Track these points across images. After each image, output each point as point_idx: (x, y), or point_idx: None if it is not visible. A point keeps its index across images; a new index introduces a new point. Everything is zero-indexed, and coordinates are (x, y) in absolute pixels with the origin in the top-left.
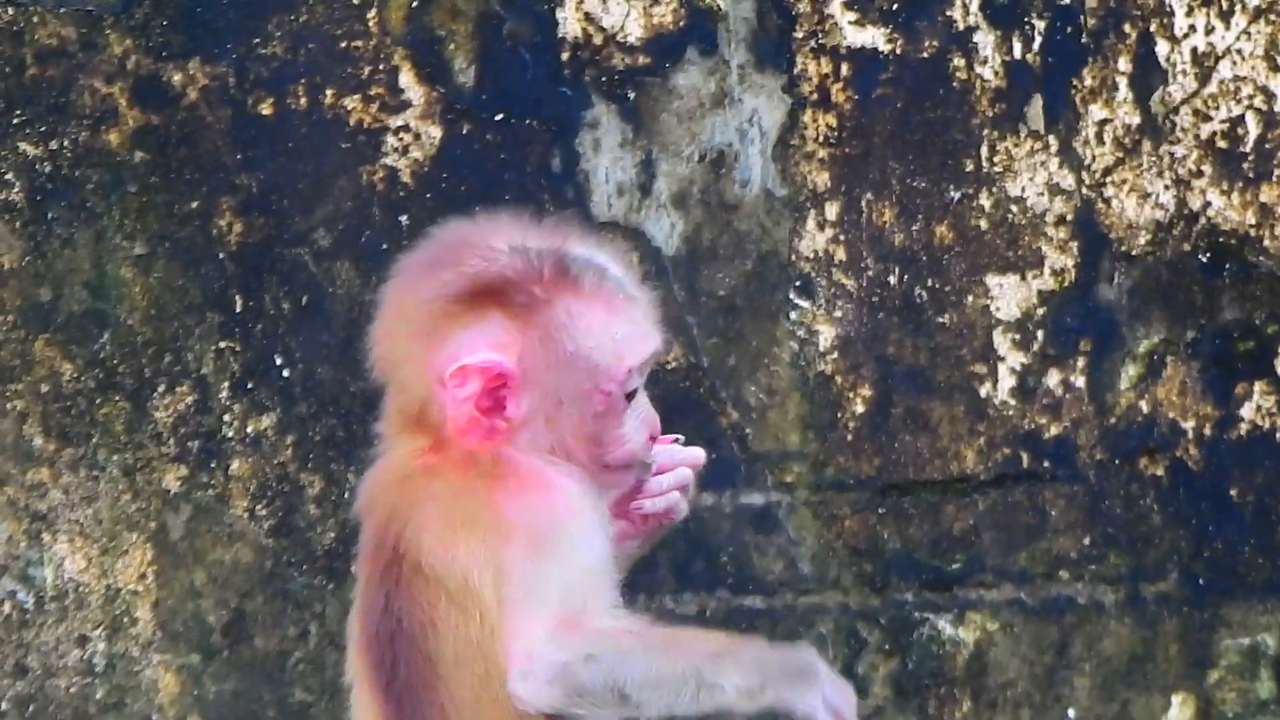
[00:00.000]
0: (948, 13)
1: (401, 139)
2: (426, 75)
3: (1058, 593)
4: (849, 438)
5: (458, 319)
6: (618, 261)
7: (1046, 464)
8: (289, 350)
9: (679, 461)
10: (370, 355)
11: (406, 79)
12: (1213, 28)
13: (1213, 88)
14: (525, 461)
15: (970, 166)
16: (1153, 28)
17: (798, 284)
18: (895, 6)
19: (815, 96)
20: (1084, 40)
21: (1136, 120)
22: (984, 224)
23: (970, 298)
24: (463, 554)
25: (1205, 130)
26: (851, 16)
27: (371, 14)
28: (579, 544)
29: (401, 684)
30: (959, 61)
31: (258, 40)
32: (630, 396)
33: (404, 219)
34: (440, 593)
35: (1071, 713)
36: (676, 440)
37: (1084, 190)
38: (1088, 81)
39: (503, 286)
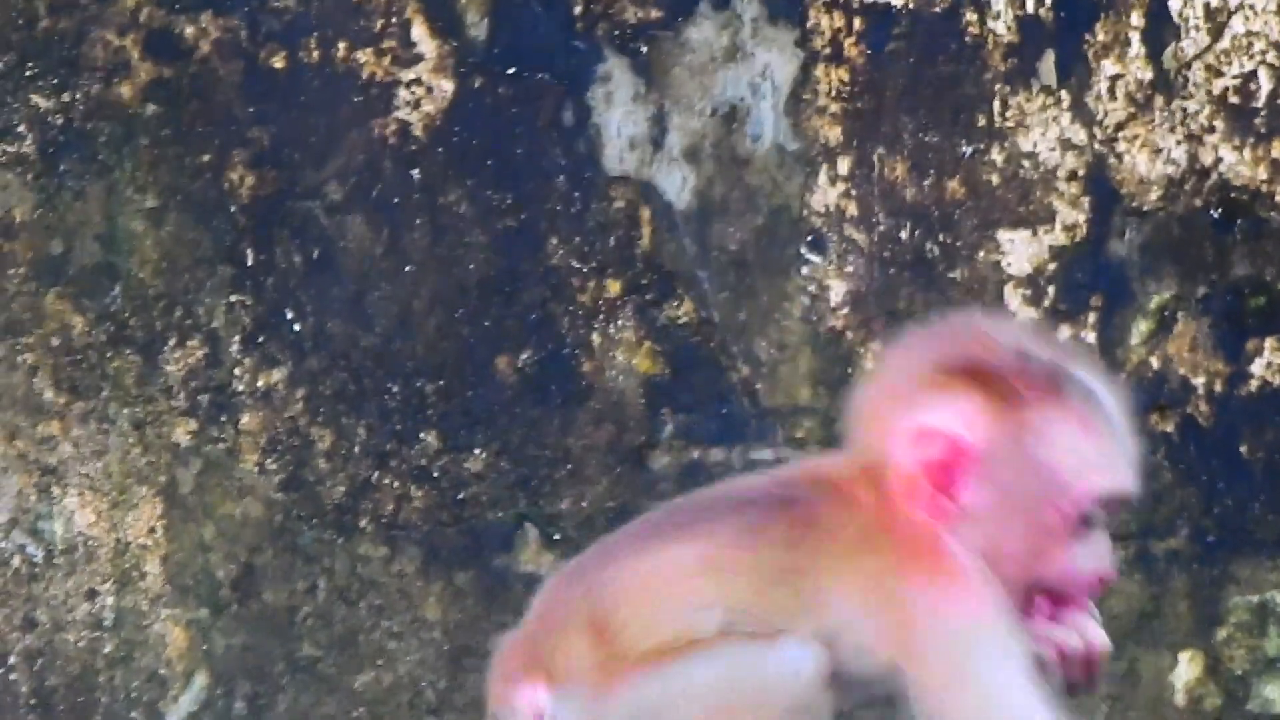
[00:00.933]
0: None
1: (413, 92)
2: (439, 29)
3: None
4: None
5: (938, 387)
6: (1117, 400)
7: None
8: (300, 304)
9: (1081, 631)
10: (849, 406)
11: (419, 32)
12: None
13: (1225, 43)
14: (958, 551)
15: (982, 122)
16: None
17: (809, 239)
18: None
19: (828, 51)
20: None
21: (1149, 76)
22: (995, 179)
23: (981, 253)
24: (835, 592)
25: (1217, 86)
26: None
27: None
28: (1009, 653)
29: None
30: (971, 16)
31: None
32: (1088, 526)
33: (415, 173)
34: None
35: None
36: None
37: (1096, 146)
38: (1100, 37)
39: (991, 374)
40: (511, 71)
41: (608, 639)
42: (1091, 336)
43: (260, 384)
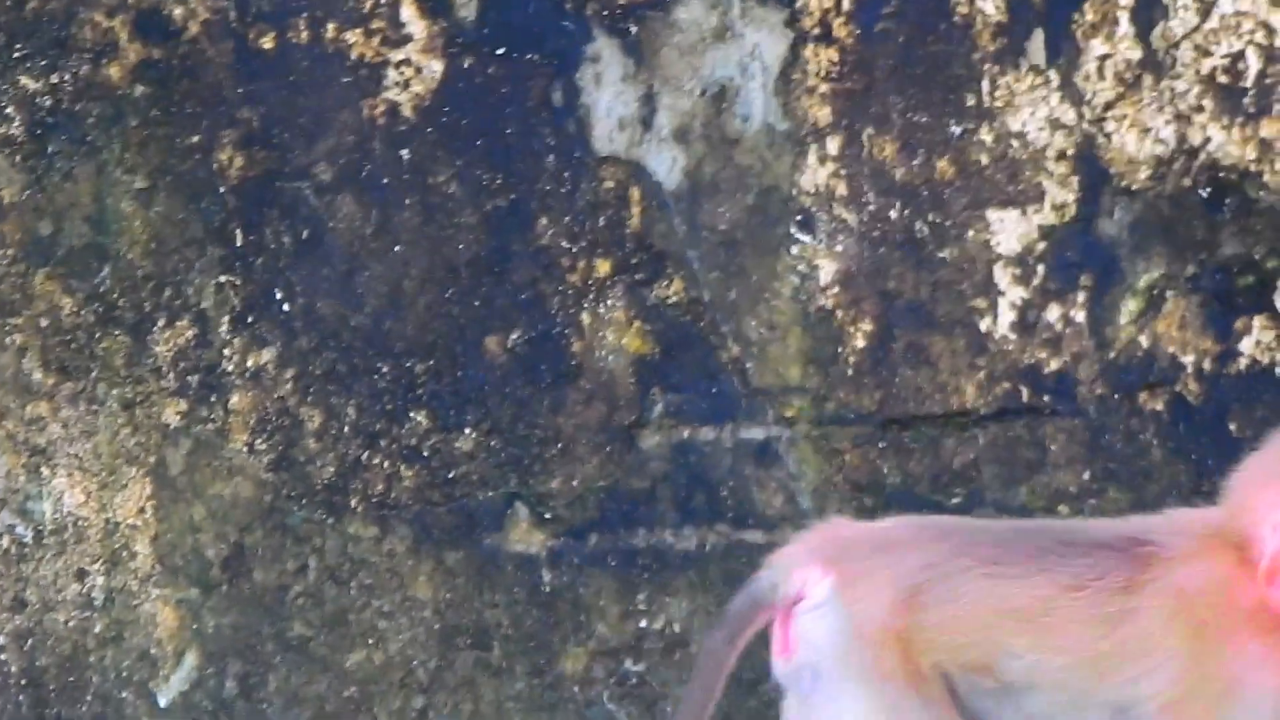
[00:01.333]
0: None
1: (403, 73)
2: (428, 9)
3: None
4: (849, 372)
5: None
6: None
7: (1047, 398)
8: (289, 284)
9: None
10: (1237, 472)
11: (408, 13)
12: None
13: (1213, 23)
14: None
15: (971, 101)
16: None
17: (799, 218)
18: None
19: (817, 31)
20: None
21: (1137, 55)
22: (985, 159)
23: (971, 232)
24: (1158, 636)
25: (1206, 65)
26: None
27: None
28: None
29: None
30: None
31: None
32: None
33: (405, 153)
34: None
35: None
36: None
37: (1085, 125)
38: (1089, 16)
39: None
40: (501, 52)
41: (903, 613)
42: (1081, 315)
43: (250, 364)
